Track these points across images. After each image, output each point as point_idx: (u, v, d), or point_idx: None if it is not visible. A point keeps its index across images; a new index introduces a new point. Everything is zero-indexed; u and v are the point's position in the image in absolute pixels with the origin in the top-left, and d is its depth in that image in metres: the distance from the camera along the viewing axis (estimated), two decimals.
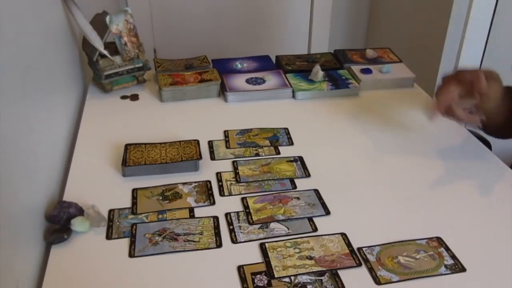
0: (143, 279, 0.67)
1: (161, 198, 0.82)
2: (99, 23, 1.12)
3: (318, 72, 1.18)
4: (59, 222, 0.74)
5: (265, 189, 0.84)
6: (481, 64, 1.81)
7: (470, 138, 1.02)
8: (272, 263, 0.69)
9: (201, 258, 0.70)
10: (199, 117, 1.07)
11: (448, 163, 0.93)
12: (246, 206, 0.80)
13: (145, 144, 0.93)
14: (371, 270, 0.68)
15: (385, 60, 1.28)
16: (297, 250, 0.71)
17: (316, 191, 0.84)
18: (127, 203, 0.81)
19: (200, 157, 0.89)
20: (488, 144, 1.05)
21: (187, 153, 0.90)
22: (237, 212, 0.79)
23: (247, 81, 1.18)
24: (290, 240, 0.73)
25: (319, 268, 0.68)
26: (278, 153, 0.95)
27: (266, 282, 0.66)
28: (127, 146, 0.92)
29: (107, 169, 0.89)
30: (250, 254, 0.71)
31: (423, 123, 1.05)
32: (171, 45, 2.25)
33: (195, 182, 0.86)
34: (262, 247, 0.72)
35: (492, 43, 1.72)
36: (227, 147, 0.96)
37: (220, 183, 0.86)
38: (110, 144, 0.95)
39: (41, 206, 0.76)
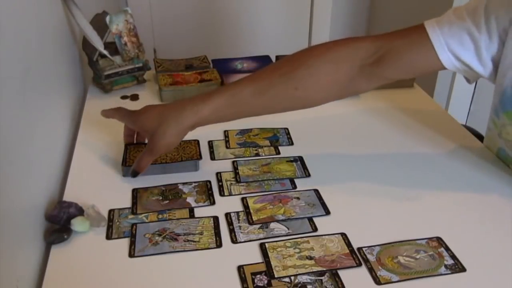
0: (143, 279, 0.67)
1: (161, 198, 0.82)
2: (99, 23, 1.12)
3: None
4: (59, 222, 0.74)
5: (265, 189, 0.84)
6: None
7: (470, 138, 1.02)
8: (272, 263, 0.69)
9: (201, 258, 0.70)
10: None
11: (448, 162, 0.93)
12: (246, 206, 0.80)
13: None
14: (371, 270, 0.68)
15: None
16: (297, 250, 0.71)
17: (316, 191, 0.84)
18: (127, 203, 0.81)
19: (200, 157, 0.89)
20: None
21: (187, 153, 0.90)
22: (237, 212, 0.79)
23: None
24: (290, 240, 0.73)
25: (319, 268, 0.68)
26: (278, 153, 0.95)
27: (266, 282, 0.66)
28: (127, 146, 0.92)
29: (107, 169, 0.89)
30: (250, 254, 0.71)
31: (423, 123, 1.05)
32: (171, 45, 2.25)
33: (195, 182, 0.86)
34: (262, 247, 0.72)
35: None
36: (227, 147, 0.96)
37: (220, 183, 0.86)
38: (110, 144, 0.95)
39: (41, 206, 0.76)
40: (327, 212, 0.79)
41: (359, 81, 0.82)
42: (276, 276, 0.67)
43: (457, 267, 0.69)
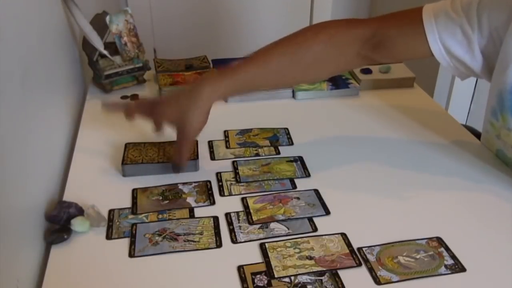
0: (143, 279, 0.67)
1: (161, 198, 0.82)
2: (99, 23, 1.12)
3: None
4: (59, 222, 0.74)
5: (265, 189, 0.84)
6: None
7: (470, 138, 1.02)
8: (272, 263, 0.69)
9: (201, 258, 0.70)
10: None
11: (448, 162, 0.93)
12: (246, 206, 0.80)
13: (145, 143, 0.93)
14: (371, 270, 0.68)
15: None
16: (297, 250, 0.71)
17: (316, 191, 0.84)
18: (127, 203, 0.81)
19: (197, 157, 0.89)
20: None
21: None
22: (237, 212, 0.79)
23: None
24: (290, 240, 0.73)
25: (319, 268, 0.68)
26: (278, 153, 0.95)
27: (266, 282, 0.66)
28: (126, 145, 0.92)
29: (107, 169, 0.89)
30: (250, 254, 0.71)
31: (423, 123, 1.05)
32: (171, 45, 2.25)
33: (195, 182, 0.86)
34: (262, 247, 0.72)
35: None
36: (227, 147, 0.96)
37: (220, 183, 0.86)
38: (110, 144, 0.95)
39: (41, 206, 0.76)
40: (327, 212, 0.79)
41: (355, 62, 0.93)
42: (276, 276, 0.67)
43: (457, 267, 0.69)
